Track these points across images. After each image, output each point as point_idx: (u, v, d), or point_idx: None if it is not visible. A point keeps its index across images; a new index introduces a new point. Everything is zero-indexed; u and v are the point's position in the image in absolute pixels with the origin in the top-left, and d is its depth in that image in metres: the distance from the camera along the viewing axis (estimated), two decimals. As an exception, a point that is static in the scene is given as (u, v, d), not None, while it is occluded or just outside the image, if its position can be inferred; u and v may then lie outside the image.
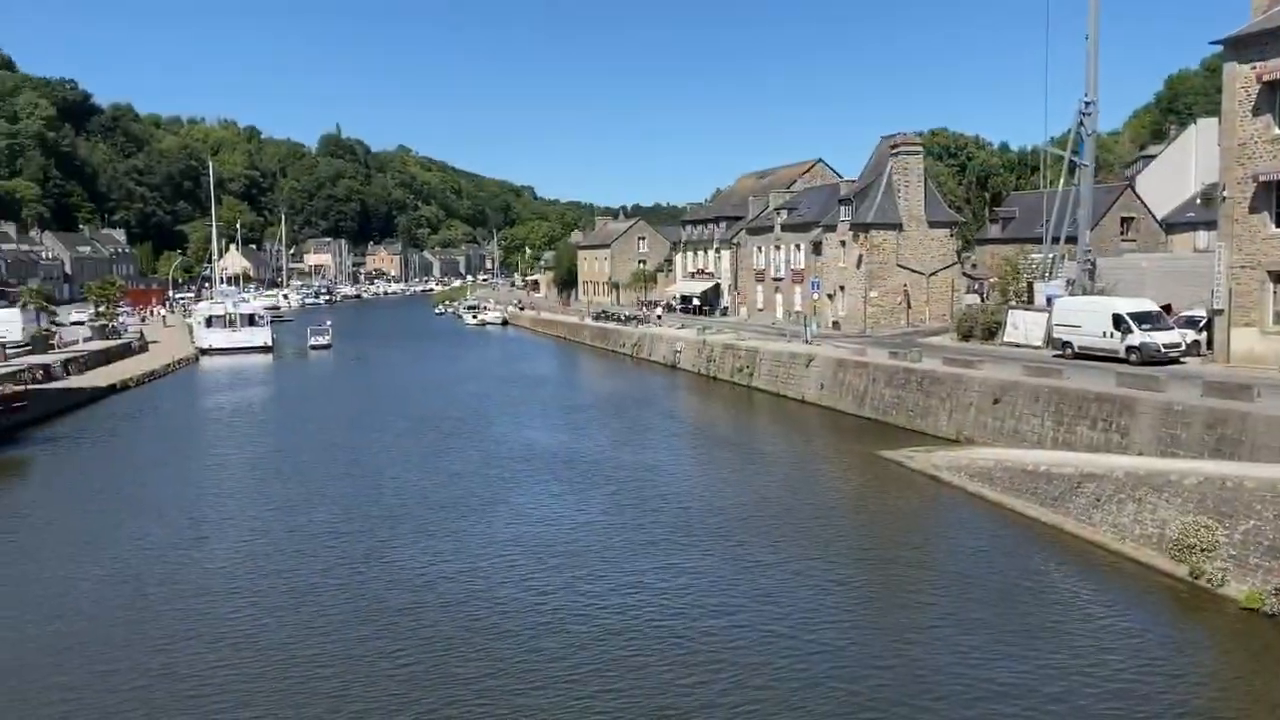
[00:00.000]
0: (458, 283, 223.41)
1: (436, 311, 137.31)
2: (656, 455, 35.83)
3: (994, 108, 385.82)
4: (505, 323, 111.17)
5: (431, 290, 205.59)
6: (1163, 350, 37.38)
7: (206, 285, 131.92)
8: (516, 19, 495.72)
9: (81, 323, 76.83)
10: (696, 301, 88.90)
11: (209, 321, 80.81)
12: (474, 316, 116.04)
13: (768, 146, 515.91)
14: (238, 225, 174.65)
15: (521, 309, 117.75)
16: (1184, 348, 37.87)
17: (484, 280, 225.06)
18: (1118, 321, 39.14)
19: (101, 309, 78.87)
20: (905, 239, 61.81)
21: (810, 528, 25.52)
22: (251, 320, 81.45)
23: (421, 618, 19.42)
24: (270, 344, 79.68)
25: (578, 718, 15.35)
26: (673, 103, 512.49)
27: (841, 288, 64.17)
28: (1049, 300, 46.56)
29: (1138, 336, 38.13)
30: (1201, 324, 39.46)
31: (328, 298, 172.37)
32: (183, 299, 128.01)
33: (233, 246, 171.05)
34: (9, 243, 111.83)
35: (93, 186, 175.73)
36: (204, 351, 75.90)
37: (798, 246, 71.50)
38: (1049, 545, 23.84)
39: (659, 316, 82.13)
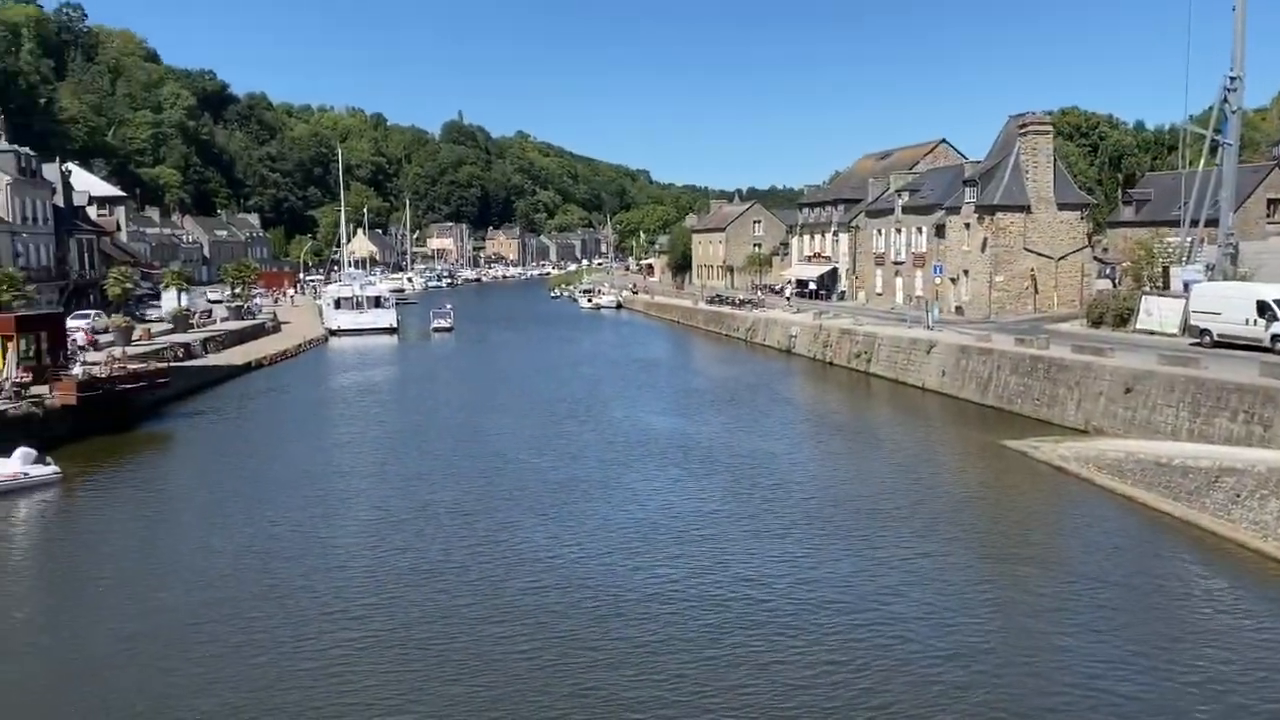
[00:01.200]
0: (573, 267, 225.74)
1: (552, 295, 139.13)
2: (772, 442, 35.61)
3: (1129, 85, 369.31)
4: (619, 306, 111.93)
5: (548, 274, 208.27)
6: (1313, 340, 35.32)
7: (335, 268, 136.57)
8: (634, 4, 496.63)
9: (219, 302, 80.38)
10: (813, 286, 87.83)
11: (337, 303, 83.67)
12: (589, 300, 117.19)
13: (889, 127, 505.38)
14: (365, 210, 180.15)
15: (635, 293, 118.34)
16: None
17: (599, 264, 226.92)
18: (1263, 308, 37.15)
19: (237, 290, 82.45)
20: (1033, 222, 59.80)
21: (932, 520, 25.00)
22: (377, 302, 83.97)
23: (542, 602, 19.56)
24: (395, 326, 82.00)
25: (705, 716, 15.18)
26: (790, 84, 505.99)
27: (965, 272, 62.51)
28: (1186, 286, 44.48)
29: (1286, 325, 36.13)
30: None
31: (449, 281, 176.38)
32: (313, 281, 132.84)
33: (360, 231, 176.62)
34: (153, 226, 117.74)
35: (230, 173, 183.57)
36: (332, 332, 78.60)
37: (919, 229, 69.90)
38: (1184, 542, 22.85)
39: (788, 299, 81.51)
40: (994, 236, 59.57)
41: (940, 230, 65.94)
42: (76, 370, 39.04)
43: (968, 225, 61.97)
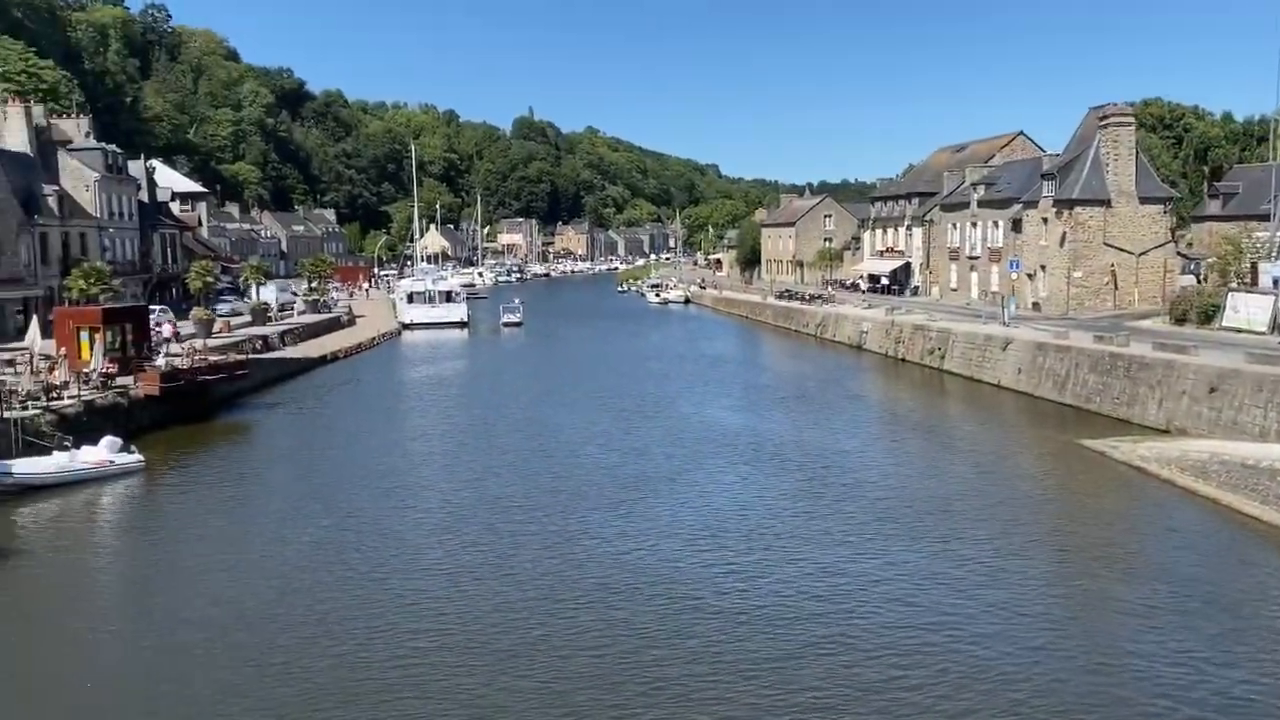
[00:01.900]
0: (641, 261, 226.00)
1: (619, 290, 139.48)
2: (843, 439, 35.22)
3: (1216, 74, 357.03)
4: (687, 301, 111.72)
5: (616, 269, 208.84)
6: None
7: (408, 263, 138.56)
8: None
9: (296, 296, 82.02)
10: (885, 281, 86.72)
11: (410, 298, 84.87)
12: (656, 295, 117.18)
13: (965, 120, 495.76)
14: (437, 206, 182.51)
15: (703, 288, 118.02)
16: None
17: (667, 259, 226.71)
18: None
19: (313, 284, 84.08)
20: (1113, 216, 58.22)
21: (1009, 521, 24.48)
22: (449, 297, 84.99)
23: (611, 600, 19.53)
24: (466, 320, 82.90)
25: (777, 717, 14.99)
26: (862, 76, 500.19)
27: (1042, 267, 61.15)
28: (1276, 282, 42.95)
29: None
30: None
31: (519, 276, 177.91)
32: (387, 276, 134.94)
33: (432, 226, 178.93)
34: (233, 222, 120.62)
35: (306, 169, 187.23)
36: (405, 326, 79.77)
37: (995, 224, 68.53)
38: (1273, 546, 22.06)
39: (863, 294, 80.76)
40: (1073, 231, 58.17)
41: (1017, 224, 64.59)
42: (160, 361, 40.19)
43: (1045, 220, 60.60)
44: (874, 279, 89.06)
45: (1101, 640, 17.55)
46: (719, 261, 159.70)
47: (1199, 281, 57.71)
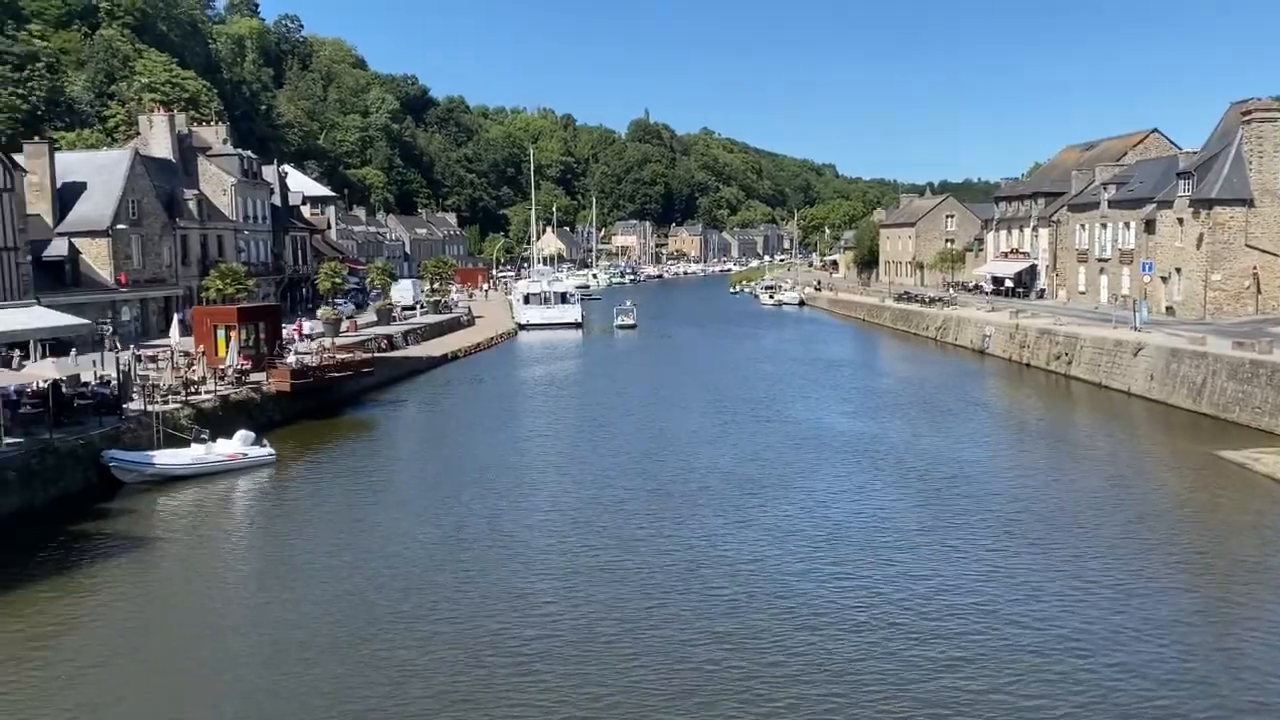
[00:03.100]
0: (755, 263, 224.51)
1: (732, 291, 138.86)
2: (965, 447, 34.28)
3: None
4: (802, 303, 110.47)
5: (729, 270, 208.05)
6: None
7: (525, 265, 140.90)
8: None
9: (421, 296, 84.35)
10: (1009, 283, 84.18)
11: (526, 299, 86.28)
12: (770, 297, 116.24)
13: (1095, 116, 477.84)
14: (553, 209, 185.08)
15: (819, 289, 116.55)
16: None
17: (781, 260, 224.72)
18: None
19: (435, 286, 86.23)
20: (1256, 216, 55.18)
21: (1143, 536, 23.44)
22: (564, 298, 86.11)
23: (724, 609, 19.32)
24: (580, 321, 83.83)
25: None
26: (986, 71, 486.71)
27: (1177, 270, 58.41)
28: None
29: None
30: None
31: (632, 277, 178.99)
32: (504, 278, 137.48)
33: (549, 229, 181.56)
34: (360, 224, 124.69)
35: (429, 174, 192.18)
36: (522, 326, 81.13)
37: (1127, 225, 65.77)
38: None
39: (987, 295, 78.81)
40: (1211, 232, 55.38)
41: (1150, 225, 61.86)
42: (290, 359, 41.81)
43: (1181, 220, 57.87)
44: (997, 281, 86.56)
45: (1247, 665, 16.57)
46: (835, 263, 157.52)
47: (1352, 285, 54.23)
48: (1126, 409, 41.42)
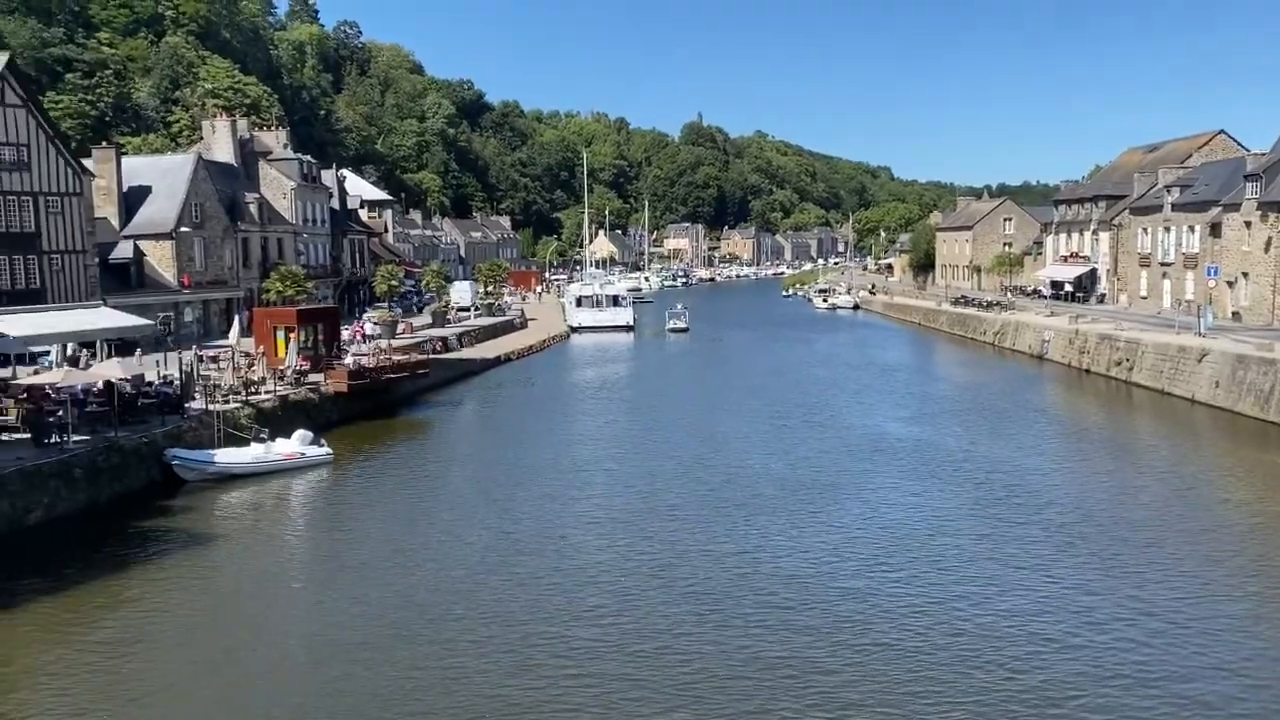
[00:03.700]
0: (808, 266, 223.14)
1: (784, 295, 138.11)
2: (1023, 455, 33.68)
3: None
4: (856, 307, 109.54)
5: (782, 273, 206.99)
6: None
7: (577, 268, 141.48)
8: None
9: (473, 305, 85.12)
10: (1068, 287, 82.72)
11: (579, 302, 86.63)
12: (824, 300, 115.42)
13: (1158, 118, 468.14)
14: (606, 212, 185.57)
15: (874, 293, 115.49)
16: None
17: (835, 264, 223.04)
18: None
19: (489, 289, 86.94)
20: (1329, 219, 53.61)
21: (1211, 550, 22.79)
22: (615, 301, 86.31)
23: (777, 616, 19.15)
24: (631, 324, 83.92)
25: None
26: (1045, 73, 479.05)
27: (1244, 274, 56.94)
28: None
29: None
30: None
31: (684, 280, 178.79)
32: (557, 280, 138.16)
33: (601, 232, 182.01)
34: (416, 228, 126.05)
35: (484, 177, 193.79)
36: (574, 329, 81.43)
37: (1191, 228, 64.27)
38: None
39: (1046, 301, 77.28)
40: (1281, 235, 53.95)
41: (1216, 229, 60.39)
42: (348, 360, 42.38)
43: (1248, 223, 56.41)
44: (1056, 285, 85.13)
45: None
46: (890, 266, 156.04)
47: None
48: (1190, 417, 40.45)
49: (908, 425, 39.16)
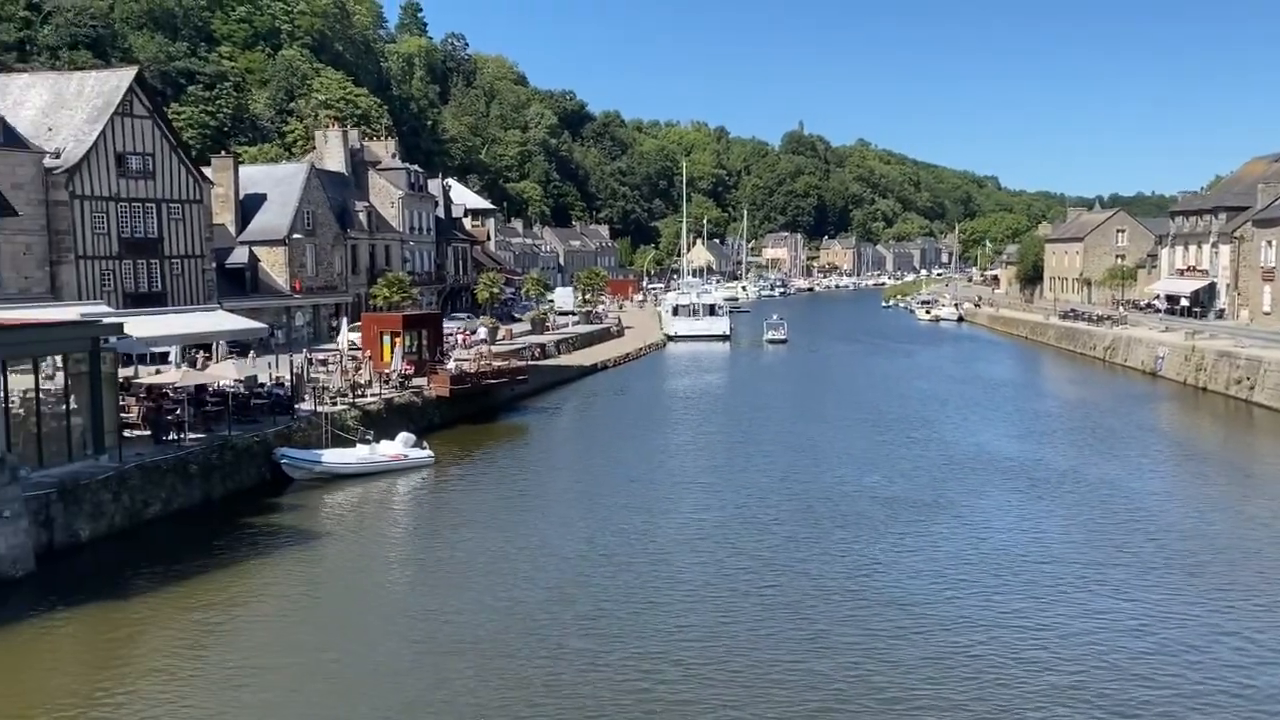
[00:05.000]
0: (910, 277, 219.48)
1: (884, 306, 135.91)
2: (1135, 476, 32.38)
3: None
4: (960, 319, 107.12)
5: (883, 284, 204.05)
6: None
7: (674, 277, 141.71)
8: (985, 4, 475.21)
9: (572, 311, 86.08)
10: (1185, 302, 79.49)
11: (675, 310, 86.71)
12: (927, 312, 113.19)
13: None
14: (704, 221, 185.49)
15: (979, 305, 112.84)
16: None
17: (939, 275, 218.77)
18: None
19: (587, 297, 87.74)
20: None
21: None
22: (712, 310, 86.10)
23: (879, 638, 18.84)
24: (728, 333, 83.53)
25: None
26: (1161, 79, 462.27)
27: (1379, 291, 53.90)
28: None
29: None
30: None
31: (782, 290, 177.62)
32: (654, 289, 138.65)
33: (699, 241, 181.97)
34: (517, 236, 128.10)
35: (584, 187, 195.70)
36: (670, 338, 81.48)
37: (1320, 242, 61.15)
38: None
39: (1161, 315, 74.45)
40: None
41: (1349, 242, 57.32)
42: (450, 365, 43.20)
43: (1386, 236, 53.40)
44: (1172, 300, 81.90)
45: None
46: (996, 278, 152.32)
47: None
48: (1319, 440, 38.44)
49: (1013, 442, 38.06)
